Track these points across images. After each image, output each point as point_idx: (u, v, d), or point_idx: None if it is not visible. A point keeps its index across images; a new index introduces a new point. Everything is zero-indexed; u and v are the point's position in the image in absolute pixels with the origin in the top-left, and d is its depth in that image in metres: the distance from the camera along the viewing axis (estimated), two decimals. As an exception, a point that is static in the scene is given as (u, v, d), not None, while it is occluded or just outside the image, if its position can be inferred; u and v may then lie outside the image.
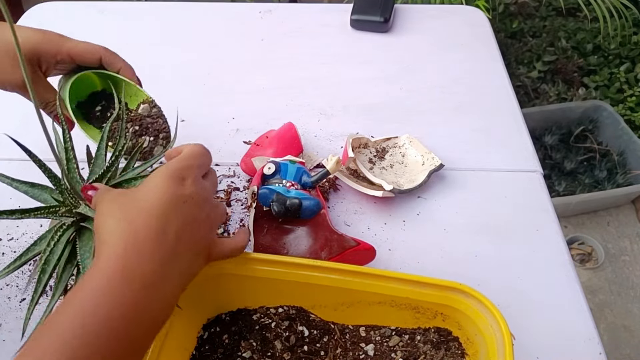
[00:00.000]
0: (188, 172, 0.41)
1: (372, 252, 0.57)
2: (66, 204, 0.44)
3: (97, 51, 0.55)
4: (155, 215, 0.37)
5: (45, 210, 0.44)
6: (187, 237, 0.39)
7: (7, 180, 0.46)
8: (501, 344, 0.42)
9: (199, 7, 1.01)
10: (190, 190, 0.40)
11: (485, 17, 0.99)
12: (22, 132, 0.47)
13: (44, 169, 0.44)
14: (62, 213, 0.44)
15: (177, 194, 0.39)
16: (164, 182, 0.39)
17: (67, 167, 0.46)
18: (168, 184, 0.39)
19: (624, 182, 1.61)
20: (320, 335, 0.51)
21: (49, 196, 0.46)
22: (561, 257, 0.62)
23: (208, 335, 0.51)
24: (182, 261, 0.38)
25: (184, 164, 0.41)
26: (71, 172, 0.46)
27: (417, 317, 0.49)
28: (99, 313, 0.33)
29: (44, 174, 0.44)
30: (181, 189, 0.39)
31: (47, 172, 0.44)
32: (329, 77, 0.86)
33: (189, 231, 0.39)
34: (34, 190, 0.46)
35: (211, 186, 0.44)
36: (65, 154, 0.46)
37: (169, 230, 0.37)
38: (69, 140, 0.46)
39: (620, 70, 1.80)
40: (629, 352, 1.40)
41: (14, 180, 0.46)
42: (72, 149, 0.46)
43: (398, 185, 0.67)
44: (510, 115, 0.80)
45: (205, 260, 0.43)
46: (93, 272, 0.35)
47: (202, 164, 0.43)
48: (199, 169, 0.42)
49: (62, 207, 0.44)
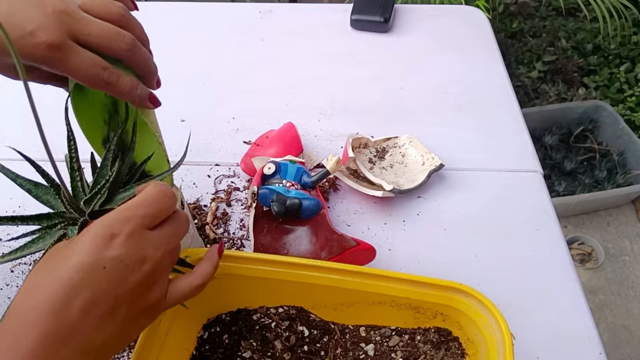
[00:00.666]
0: (122, 227, 0.35)
1: (372, 252, 0.57)
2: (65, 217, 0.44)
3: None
4: (58, 289, 0.32)
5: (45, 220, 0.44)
6: (102, 309, 0.33)
7: (12, 175, 0.45)
8: (501, 344, 0.42)
9: (199, 7, 1.01)
10: (116, 252, 0.34)
11: (485, 17, 0.99)
12: (23, 132, 0.46)
13: (47, 179, 0.44)
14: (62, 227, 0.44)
15: (95, 258, 0.33)
16: (86, 242, 0.34)
17: (71, 176, 0.45)
18: (89, 246, 0.34)
19: (624, 182, 1.61)
20: (320, 335, 0.51)
21: (52, 198, 0.46)
22: (561, 257, 0.62)
23: (208, 335, 0.51)
24: (87, 339, 0.33)
25: (121, 216, 0.35)
26: (74, 182, 0.45)
27: (417, 317, 0.49)
28: None
29: (47, 182, 0.44)
30: (104, 251, 0.34)
31: (51, 182, 0.44)
32: (329, 77, 0.86)
33: (107, 302, 0.34)
34: (38, 189, 0.46)
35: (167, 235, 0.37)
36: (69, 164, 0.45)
37: (72, 306, 0.32)
38: (74, 150, 0.45)
39: (620, 70, 1.80)
40: (629, 352, 1.40)
41: (18, 177, 0.45)
42: (77, 160, 0.45)
43: (398, 185, 0.67)
44: (510, 115, 0.80)
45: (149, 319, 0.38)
46: None
47: (152, 213, 0.37)
48: (143, 219, 0.36)
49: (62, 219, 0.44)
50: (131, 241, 0.35)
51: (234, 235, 0.64)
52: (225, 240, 0.64)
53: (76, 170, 0.45)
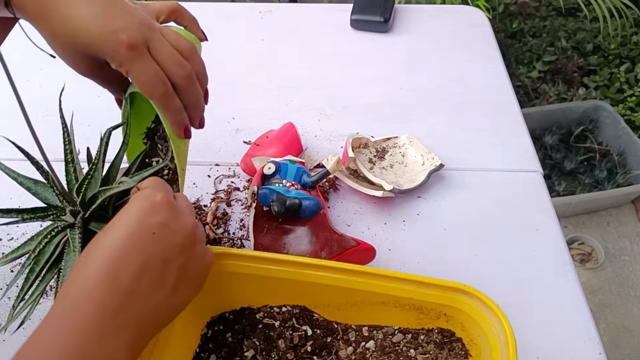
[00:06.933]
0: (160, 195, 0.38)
1: (372, 252, 0.57)
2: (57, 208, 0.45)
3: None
4: (109, 258, 0.34)
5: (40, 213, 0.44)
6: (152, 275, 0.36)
7: (13, 174, 0.46)
8: (505, 345, 0.42)
9: (199, 7, 1.01)
10: (160, 218, 0.37)
11: (485, 17, 0.99)
12: (24, 131, 0.47)
13: (41, 171, 0.44)
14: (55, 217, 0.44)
15: (143, 225, 0.36)
16: (131, 212, 0.36)
17: (66, 169, 0.46)
18: (135, 214, 0.36)
19: (624, 182, 1.61)
20: (323, 335, 0.51)
21: (50, 194, 0.46)
22: (561, 257, 0.62)
23: (212, 333, 0.51)
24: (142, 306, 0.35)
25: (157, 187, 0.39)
26: (69, 175, 0.46)
27: (420, 318, 0.49)
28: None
29: (42, 175, 0.44)
30: (149, 218, 0.36)
31: (45, 174, 0.44)
32: (329, 77, 0.86)
33: (156, 267, 0.36)
34: (37, 187, 0.47)
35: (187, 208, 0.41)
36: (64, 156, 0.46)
37: (124, 274, 0.34)
38: (68, 143, 0.46)
39: (620, 70, 1.80)
40: (629, 352, 1.40)
41: (19, 175, 0.47)
42: (71, 152, 0.46)
43: (398, 185, 0.67)
44: (510, 115, 0.80)
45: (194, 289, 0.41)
46: (48, 320, 0.33)
47: (169, 189, 0.41)
48: (169, 193, 0.40)
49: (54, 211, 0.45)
50: (172, 208, 0.38)
51: (234, 235, 0.64)
52: (225, 240, 0.64)
53: (70, 163, 0.46)
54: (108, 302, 0.34)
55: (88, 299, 0.33)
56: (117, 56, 0.41)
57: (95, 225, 0.44)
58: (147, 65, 0.42)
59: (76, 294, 0.34)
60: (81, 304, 0.33)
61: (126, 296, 0.34)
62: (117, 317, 0.34)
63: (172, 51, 0.43)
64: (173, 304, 0.38)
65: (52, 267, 0.44)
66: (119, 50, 0.41)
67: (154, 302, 0.36)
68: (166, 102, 0.44)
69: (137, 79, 0.42)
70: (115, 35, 0.40)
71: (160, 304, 0.37)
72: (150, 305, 0.36)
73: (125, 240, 0.35)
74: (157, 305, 0.36)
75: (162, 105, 0.44)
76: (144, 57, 0.42)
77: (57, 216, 0.44)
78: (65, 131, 0.45)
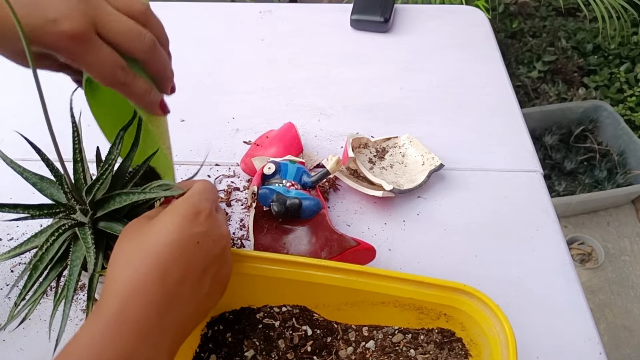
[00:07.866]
0: (205, 205, 0.39)
1: (372, 252, 0.57)
2: (67, 206, 0.44)
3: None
4: (157, 262, 0.35)
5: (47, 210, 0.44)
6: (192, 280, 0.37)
7: (19, 169, 0.46)
8: (505, 345, 0.42)
9: (199, 7, 1.01)
10: (203, 228, 0.38)
11: (485, 17, 0.99)
12: (26, 130, 0.46)
13: (50, 168, 0.44)
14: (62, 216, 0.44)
15: (188, 234, 0.37)
16: (175, 220, 0.37)
17: (74, 168, 0.46)
18: (180, 222, 0.37)
19: (624, 182, 1.61)
20: (323, 335, 0.51)
21: (56, 191, 0.46)
22: (561, 257, 0.62)
23: (212, 333, 0.51)
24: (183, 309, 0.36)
25: (202, 197, 0.39)
26: (77, 174, 0.46)
27: (420, 318, 0.49)
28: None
29: (51, 172, 0.44)
30: (193, 227, 0.37)
31: (54, 171, 0.44)
32: (329, 77, 0.86)
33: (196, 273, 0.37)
34: (43, 183, 0.46)
35: (223, 218, 0.42)
36: (72, 155, 0.45)
37: (170, 278, 0.35)
38: (78, 142, 0.45)
39: (620, 70, 1.80)
40: (629, 352, 1.40)
41: (25, 170, 0.46)
42: (80, 151, 0.45)
43: (398, 185, 0.67)
44: (510, 115, 0.80)
45: (220, 294, 0.42)
46: (92, 321, 0.34)
47: (214, 198, 0.41)
48: (213, 203, 0.41)
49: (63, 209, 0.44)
50: (212, 218, 0.39)
51: (234, 235, 0.65)
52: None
53: (79, 162, 0.45)
54: (157, 304, 0.34)
55: (140, 300, 0.34)
56: (62, 51, 0.36)
57: (104, 225, 0.44)
58: (99, 54, 0.37)
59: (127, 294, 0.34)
60: (133, 304, 0.34)
61: (172, 297, 0.35)
62: (163, 320, 0.35)
63: (125, 24, 0.38)
64: (205, 308, 0.40)
65: (55, 266, 0.44)
66: (63, 43, 0.35)
67: (193, 307, 0.37)
68: (129, 88, 0.39)
69: (90, 72, 0.37)
70: (54, 26, 0.34)
71: (197, 308, 0.38)
72: (190, 309, 0.37)
73: (173, 247, 0.36)
74: (195, 309, 0.38)
75: (126, 92, 0.39)
76: (93, 45, 0.36)
77: (66, 214, 0.44)
78: (75, 130, 0.45)
